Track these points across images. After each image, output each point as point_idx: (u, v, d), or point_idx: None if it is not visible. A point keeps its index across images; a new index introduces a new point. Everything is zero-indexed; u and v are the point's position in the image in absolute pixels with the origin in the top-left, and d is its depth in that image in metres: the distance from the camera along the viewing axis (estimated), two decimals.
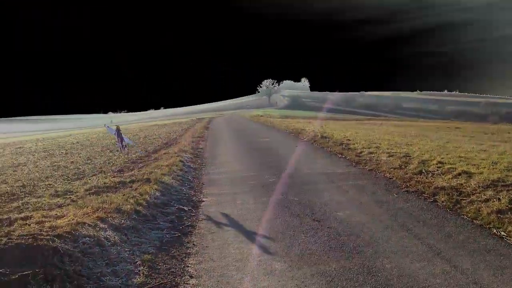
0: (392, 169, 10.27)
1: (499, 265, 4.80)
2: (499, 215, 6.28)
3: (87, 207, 6.61)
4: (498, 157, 10.64)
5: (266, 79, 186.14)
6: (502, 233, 5.75)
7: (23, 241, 4.74)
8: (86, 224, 5.61)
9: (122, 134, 13.72)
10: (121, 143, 14.09)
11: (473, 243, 5.50)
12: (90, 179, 10.07)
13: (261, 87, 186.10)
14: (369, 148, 13.80)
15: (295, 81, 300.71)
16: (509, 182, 7.64)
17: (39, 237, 4.86)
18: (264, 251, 5.56)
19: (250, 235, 6.21)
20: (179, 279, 4.84)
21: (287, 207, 7.58)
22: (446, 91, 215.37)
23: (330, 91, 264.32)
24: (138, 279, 4.75)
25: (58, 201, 7.64)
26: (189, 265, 5.25)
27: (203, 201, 8.44)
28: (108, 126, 15.15)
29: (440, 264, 4.87)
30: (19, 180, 10.58)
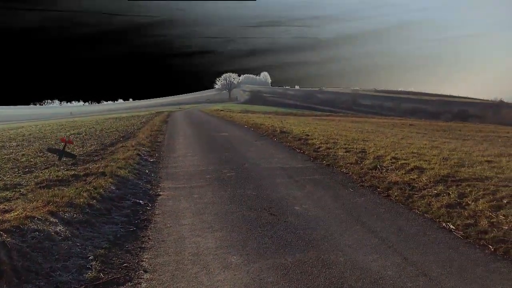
0: (348, 164, 10.47)
1: (448, 257, 4.98)
2: (449, 209, 6.51)
3: (37, 201, 6.38)
4: (449, 153, 11.04)
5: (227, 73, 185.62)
6: (451, 226, 5.97)
7: None
8: (36, 218, 5.41)
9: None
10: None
11: (424, 236, 5.68)
12: (42, 172, 9.73)
13: (219, 81, 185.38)
14: (327, 143, 14.02)
15: (255, 75, 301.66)
16: (459, 177, 7.94)
17: None
18: (220, 245, 5.54)
19: (207, 229, 6.18)
20: (133, 274, 4.75)
21: (244, 201, 7.59)
22: (401, 89, 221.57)
23: (290, 87, 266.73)
24: (90, 274, 4.63)
25: (7, 195, 7.33)
26: (144, 259, 5.16)
27: (160, 195, 8.32)
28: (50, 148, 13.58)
29: (392, 257, 5.01)
30: None
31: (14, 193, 7.50)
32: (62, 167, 10.46)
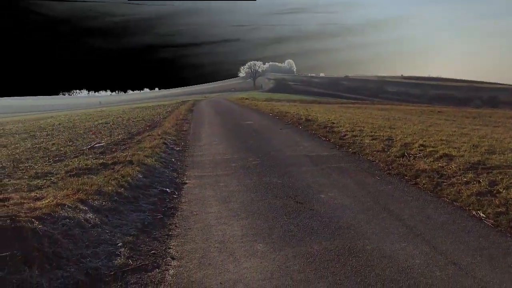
0: (375, 152, 10.34)
1: (478, 246, 4.88)
2: (479, 197, 6.36)
3: (67, 189, 6.52)
4: (479, 140, 10.78)
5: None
6: (481, 214, 5.84)
7: (0, 223, 4.66)
8: (66, 206, 5.54)
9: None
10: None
11: (453, 224, 5.58)
12: (71, 161, 9.93)
13: (244, 69, 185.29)
14: (353, 131, 13.86)
15: (280, 63, 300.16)
16: (489, 165, 7.74)
17: (17, 218, 4.78)
18: (246, 233, 5.56)
19: (233, 217, 6.20)
20: (160, 261, 4.82)
21: (270, 190, 7.59)
22: (429, 76, 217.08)
23: (315, 75, 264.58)
24: (119, 261, 4.72)
25: (38, 183, 7.52)
26: (171, 246, 5.23)
27: (186, 183, 8.39)
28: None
29: (420, 246, 4.93)
30: None
31: (45, 181, 7.68)
32: (91, 156, 10.65)
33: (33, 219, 4.86)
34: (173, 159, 10.89)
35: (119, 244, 5.10)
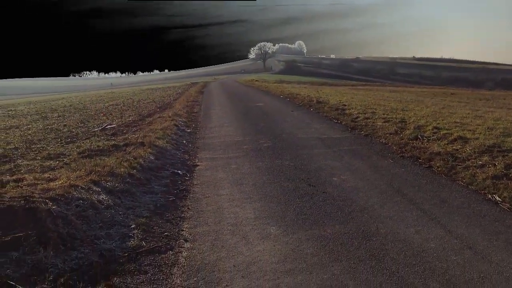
0: (387, 135, 10.23)
1: (494, 230, 4.81)
2: (495, 180, 6.27)
3: (80, 170, 6.54)
4: (494, 123, 10.61)
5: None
6: (497, 198, 5.75)
7: (15, 203, 4.68)
8: (79, 187, 5.55)
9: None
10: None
11: (468, 208, 5.51)
12: (83, 142, 9.96)
13: (254, 51, 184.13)
14: (365, 113, 13.72)
15: (290, 44, 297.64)
16: (505, 148, 7.63)
17: (31, 199, 4.80)
18: (259, 215, 5.54)
19: (245, 200, 6.18)
20: (174, 243, 4.82)
21: (282, 172, 7.55)
22: (442, 57, 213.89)
23: (326, 56, 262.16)
24: (133, 242, 4.73)
25: (51, 164, 7.55)
26: (184, 229, 5.23)
27: (198, 165, 8.38)
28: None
29: (434, 229, 4.88)
30: (11, 142, 10.45)
31: (57, 162, 7.71)
32: (102, 138, 10.67)
33: (47, 200, 4.88)
34: (184, 141, 10.88)
35: (132, 226, 5.10)
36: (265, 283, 3.88)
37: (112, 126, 13.10)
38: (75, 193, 5.32)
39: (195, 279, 4.02)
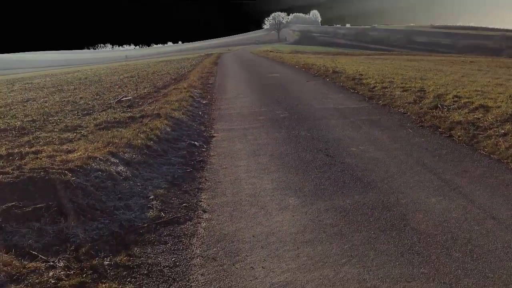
0: (406, 104, 10.05)
1: None
2: None
3: (97, 142, 6.55)
4: None
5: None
6: None
7: (35, 175, 4.71)
8: (98, 159, 5.56)
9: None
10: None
11: (490, 178, 5.39)
12: (99, 114, 9.98)
13: (268, 21, 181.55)
14: (382, 83, 13.48)
15: (305, 13, 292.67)
16: None
17: (51, 170, 4.83)
18: (277, 186, 5.51)
19: (262, 171, 6.15)
20: (192, 214, 4.83)
21: (299, 143, 7.48)
22: (460, 24, 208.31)
23: (341, 25, 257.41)
24: (152, 213, 4.75)
25: (69, 136, 7.58)
26: (202, 200, 5.23)
27: (214, 136, 8.35)
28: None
29: (456, 199, 4.79)
30: (29, 115, 10.53)
31: (75, 134, 7.75)
32: (118, 109, 10.68)
33: (66, 172, 4.90)
34: (200, 112, 10.84)
35: (150, 197, 5.12)
36: (284, 253, 3.87)
37: (127, 98, 13.10)
38: (93, 165, 5.34)
39: (214, 249, 4.03)
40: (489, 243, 3.82)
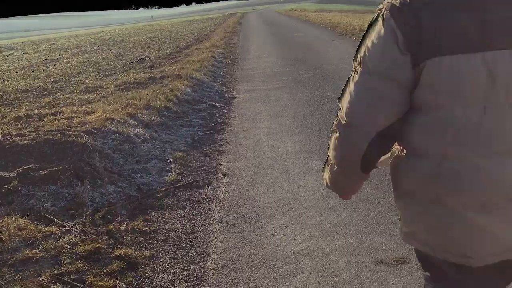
0: None
1: None
2: None
3: (116, 103, 6.42)
4: None
5: None
6: None
7: (51, 137, 4.61)
8: (115, 120, 5.43)
9: None
10: None
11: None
12: (120, 75, 9.84)
13: None
14: None
15: None
16: None
17: (67, 132, 4.72)
18: (300, 149, 5.30)
19: (285, 133, 5.93)
20: (211, 177, 4.68)
21: (324, 104, 7.19)
22: None
23: None
24: (170, 177, 4.61)
25: (89, 97, 7.48)
26: (222, 163, 5.07)
27: (236, 97, 8.13)
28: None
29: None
30: (51, 75, 10.48)
31: (95, 95, 7.64)
32: (139, 70, 10.52)
33: (83, 134, 4.79)
34: (222, 73, 10.60)
35: (169, 160, 4.98)
36: (307, 220, 3.69)
37: (149, 58, 12.91)
38: (111, 127, 5.21)
39: (234, 215, 3.88)
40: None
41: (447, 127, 1.18)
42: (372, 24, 1.28)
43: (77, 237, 3.40)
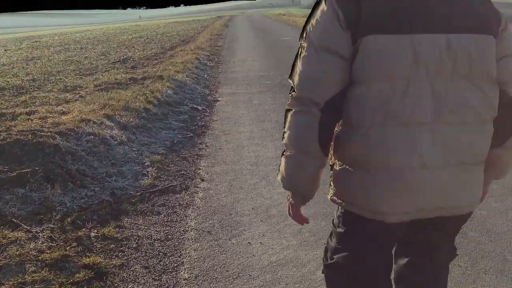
0: None
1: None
2: None
3: (94, 104, 6.24)
4: None
5: None
6: None
7: (22, 137, 4.43)
8: (91, 121, 5.25)
9: None
10: None
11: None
12: (102, 75, 9.64)
13: None
14: None
15: None
16: None
17: (39, 133, 4.53)
18: (280, 154, 5.18)
19: (267, 138, 5.83)
20: (189, 182, 4.54)
21: None
22: None
23: None
24: (146, 181, 4.46)
25: (66, 96, 7.28)
26: (201, 167, 4.93)
27: (218, 100, 8.00)
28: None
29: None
30: (30, 73, 10.23)
31: (73, 95, 7.44)
32: (121, 70, 10.33)
33: (56, 135, 4.61)
34: (206, 75, 10.46)
35: (146, 163, 4.83)
36: (286, 228, 3.58)
37: (133, 58, 12.71)
38: (86, 128, 5.03)
39: (210, 222, 3.75)
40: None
41: (376, 99, 1.32)
42: (316, 4, 1.42)
43: (44, 244, 3.23)
